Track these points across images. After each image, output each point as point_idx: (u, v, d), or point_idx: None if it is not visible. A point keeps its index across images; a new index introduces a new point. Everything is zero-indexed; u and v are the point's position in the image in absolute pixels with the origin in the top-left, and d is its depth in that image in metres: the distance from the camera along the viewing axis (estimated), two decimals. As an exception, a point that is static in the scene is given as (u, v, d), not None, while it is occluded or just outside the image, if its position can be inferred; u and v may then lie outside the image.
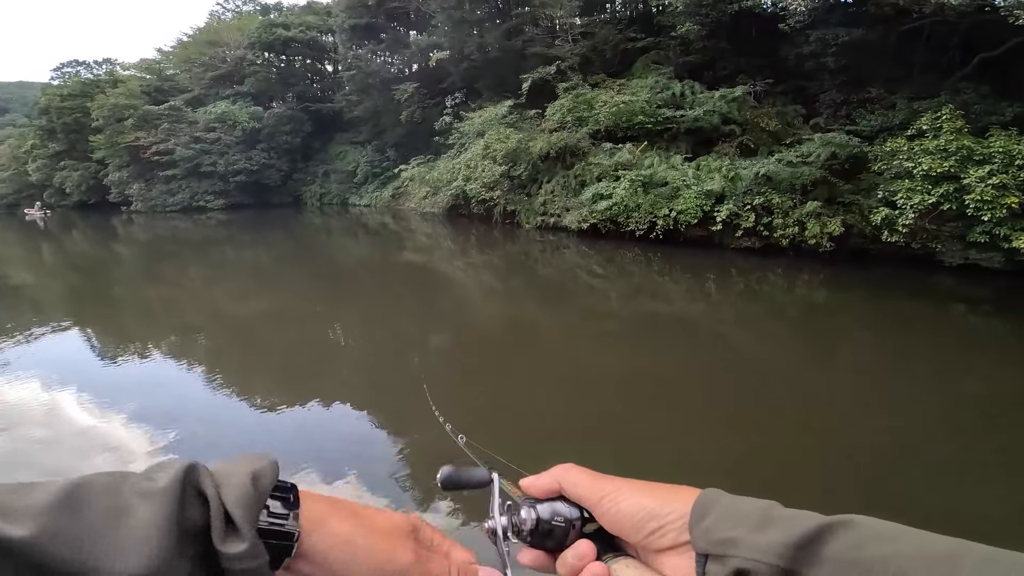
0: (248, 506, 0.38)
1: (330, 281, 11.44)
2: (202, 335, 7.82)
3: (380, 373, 6.11)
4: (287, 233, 21.27)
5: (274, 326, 8.10)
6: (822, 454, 4.12)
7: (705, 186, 10.79)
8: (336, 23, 25.87)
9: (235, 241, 20.53)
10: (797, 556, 0.36)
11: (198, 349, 7.10)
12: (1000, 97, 9.22)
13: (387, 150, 26.22)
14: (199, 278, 12.68)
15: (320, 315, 8.71)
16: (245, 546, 0.37)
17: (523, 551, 0.50)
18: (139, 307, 9.95)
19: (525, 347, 6.90)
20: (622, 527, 0.47)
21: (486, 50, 19.17)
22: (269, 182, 28.51)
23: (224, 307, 9.58)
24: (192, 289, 11.51)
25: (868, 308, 8.24)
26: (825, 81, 12.25)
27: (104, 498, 0.35)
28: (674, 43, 15.45)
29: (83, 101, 29.25)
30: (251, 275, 12.55)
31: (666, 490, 0.47)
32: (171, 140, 26.31)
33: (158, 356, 6.79)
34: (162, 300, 10.35)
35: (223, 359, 6.67)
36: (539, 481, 0.51)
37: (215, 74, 29.24)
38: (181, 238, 21.99)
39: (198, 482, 0.38)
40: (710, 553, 0.40)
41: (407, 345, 7.11)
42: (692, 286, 9.79)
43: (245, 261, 15.14)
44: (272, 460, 0.43)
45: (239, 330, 8.05)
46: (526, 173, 14.42)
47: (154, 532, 0.35)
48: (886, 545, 0.33)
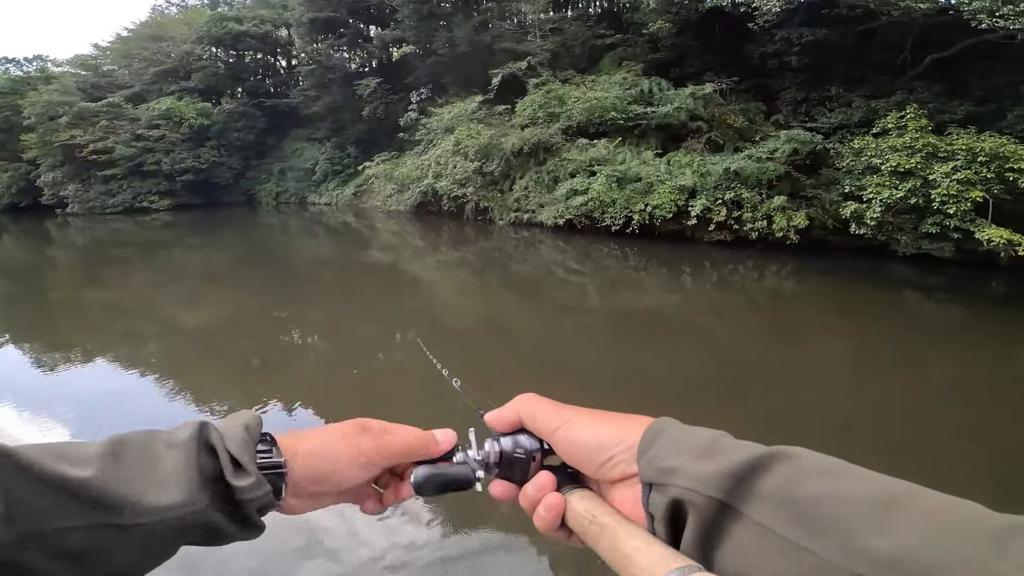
0: (247, 449, 0.47)
1: (290, 283, 11.00)
2: (149, 343, 7.38)
3: (348, 374, 5.94)
4: (241, 234, 20.50)
5: (228, 332, 7.80)
6: (790, 424, 4.41)
7: (678, 181, 11.15)
8: (293, 17, 25.13)
9: (183, 243, 19.60)
10: (733, 489, 0.35)
11: (145, 358, 6.68)
12: (951, 96, 9.96)
13: (347, 147, 25.68)
14: (145, 283, 11.89)
15: (279, 319, 8.32)
16: (252, 479, 0.46)
17: (493, 483, 0.52)
18: (78, 315, 9.25)
19: (505, 342, 6.94)
20: (576, 458, 0.47)
21: (455, 45, 19.08)
22: (220, 181, 27.41)
23: (173, 313, 9.02)
24: (137, 295, 10.80)
25: (831, 296, 8.79)
26: (786, 79, 12.90)
27: (141, 449, 0.44)
28: (642, 40, 15.86)
29: (13, 99, 27.36)
30: (202, 279, 11.83)
31: (621, 419, 0.47)
32: (110, 138, 24.87)
33: (101, 366, 6.41)
34: (104, 307, 9.69)
35: (172, 367, 6.30)
36: (501, 413, 0.52)
37: (159, 69, 27.85)
38: (123, 241, 20.81)
39: (208, 436, 0.47)
40: (653, 482, 0.40)
41: (376, 345, 6.97)
42: (669, 279, 10.11)
43: (195, 264, 14.26)
44: (257, 414, 0.52)
45: (190, 337, 7.61)
46: (499, 169, 14.47)
47: (181, 473, 0.43)
48: (824, 482, 0.32)
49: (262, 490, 0.46)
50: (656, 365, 5.97)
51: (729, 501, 0.35)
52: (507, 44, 18.58)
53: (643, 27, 15.20)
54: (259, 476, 0.46)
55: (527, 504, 0.49)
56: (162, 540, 0.43)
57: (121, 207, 25.87)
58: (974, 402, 5.00)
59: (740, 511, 0.34)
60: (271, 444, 0.50)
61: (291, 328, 7.95)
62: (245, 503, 0.46)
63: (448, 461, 0.55)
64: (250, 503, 0.46)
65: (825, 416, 4.63)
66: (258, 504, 0.47)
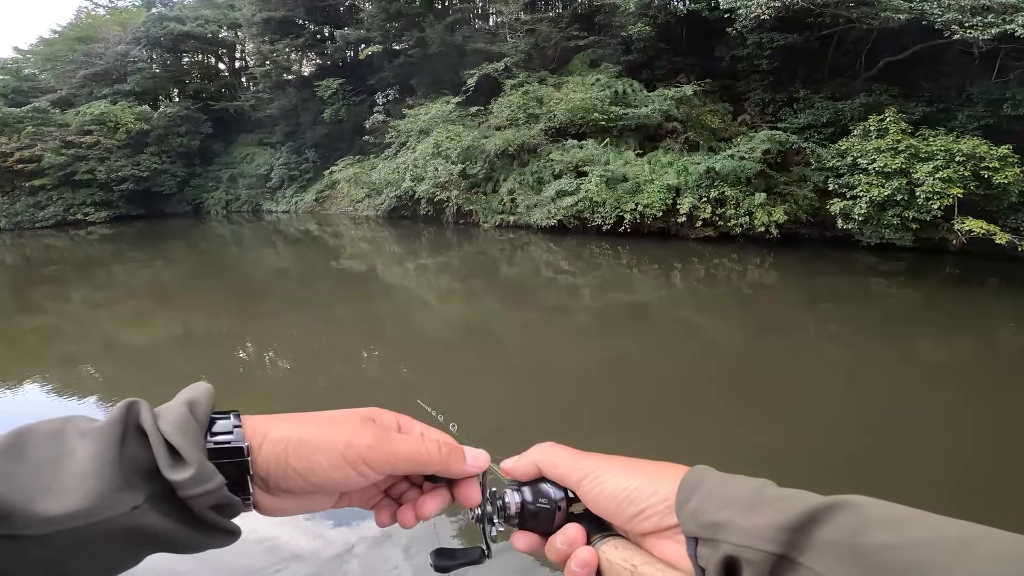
0: (187, 431, 0.39)
1: (252, 300, 10.61)
2: (90, 368, 7.10)
3: (316, 396, 5.71)
4: (190, 246, 19.94)
5: (179, 354, 7.45)
6: (774, 409, 5.16)
7: (665, 180, 12.04)
8: (243, 16, 24.60)
9: (125, 258, 18.84)
10: (791, 540, 0.35)
11: (85, 383, 6.46)
12: (907, 98, 11.37)
13: (305, 151, 25.39)
14: (83, 302, 11.36)
15: (237, 339, 8.07)
16: (192, 471, 0.38)
17: (516, 535, 0.51)
18: (6, 340, 8.68)
19: (503, 346, 7.24)
20: (605, 510, 0.46)
21: (426, 45, 19.39)
22: (163, 189, 26.41)
23: (115, 335, 8.57)
24: (75, 316, 10.26)
25: (809, 284, 10.00)
26: (752, 81, 14.12)
27: (47, 442, 0.37)
28: (614, 42, 16.80)
29: (-76, 107, 25.18)
30: (149, 297, 11.24)
31: (650, 468, 0.46)
32: (38, 145, 23.51)
33: (35, 394, 6.07)
34: (37, 330, 9.09)
35: (116, 393, 6.05)
36: (519, 463, 0.51)
37: (88, 72, 26.52)
38: (56, 258, 19.77)
39: (138, 418, 0.40)
40: (700, 537, 0.40)
41: (352, 364, 6.83)
42: (662, 275, 10.97)
43: (140, 281, 13.55)
44: (207, 386, 0.45)
45: (135, 361, 7.27)
46: (482, 171, 14.96)
47: (90, 470, 0.36)
48: (891, 530, 0.32)
49: (210, 483, 0.39)
50: (651, 351, 6.63)
51: (788, 553, 0.35)
52: (479, 45, 19.13)
53: (619, 29, 16.13)
54: (203, 466, 0.39)
55: (555, 557, 0.48)
56: (80, 552, 0.36)
57: (52, 220, 24.50)
58: (959, 376, 5.99)
59: (800, 563, 0.34)
60: (235, 423, 0.44)
61: (252, 349, 7.70)
62: (190, 501, 0.39)
63: (469, 489, 0.52)
64: (197, 500, 0.39)
65: (823, 397, 5.36)
66: (210, 501, 0.39)
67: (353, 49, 24.32)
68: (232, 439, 0.42)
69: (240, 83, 31.00)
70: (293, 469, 0.44)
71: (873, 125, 10.19)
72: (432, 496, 0.51)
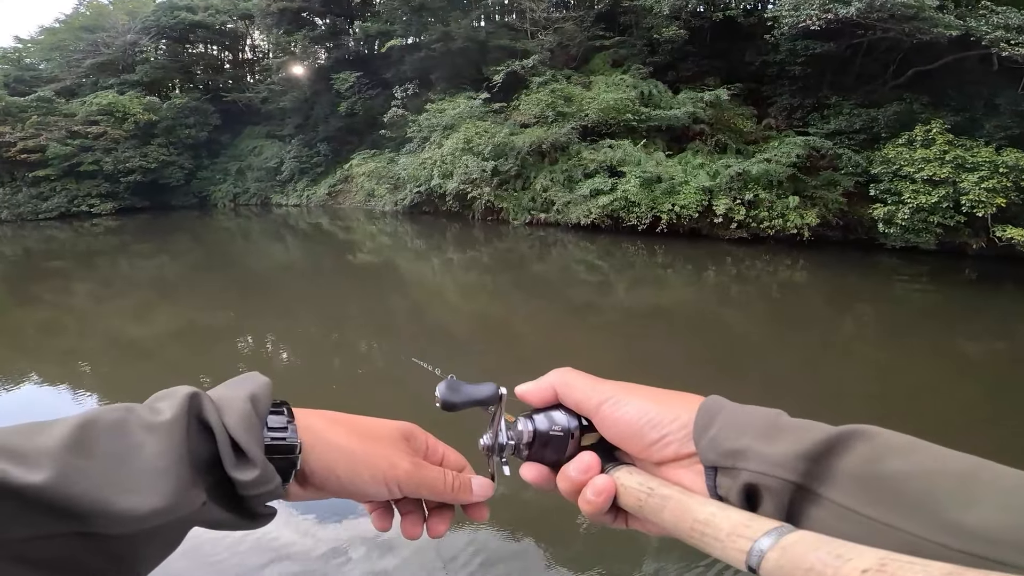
0: (252, 429, 0.41)
1: (267, 297, 10.45)
2: (93, 364, 7.07)
3: (327, 390, 5.67)
4: (195, 239, 20.01)
5: (188, 349, 7.45)
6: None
7: (699, 182, 12.49)
8: (257, 7, 24.56)
9: (130, 251, 18.83)
10: (809, 470, 0.36)
11: (87, 378, 6.49)
12: (936, 107, 11.94)
13: (317, 144, 25.45)
14: (87, 296, 11.35)
15: (251, 334, 8.04)
16: (257, 472, 0.40)
17: (525, 466, 0.50)
18: (5, 333, 8.68)
19: (537, 344, 7.28)
20: (623, 436, 0.46)
21: (451, 40, 19.59)
22: (170, 181, 26.33)
23: (119, 328, 8.54)
24: (76, 309, 10.20)
25: (844, 284, 10.53)
26: (780, 86, 14.63)
27: (113, 435, 0.37)
28: (640, 43, 17.20)
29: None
30: (157, 291, 11.18)
31: (669, 396, 0.47)
32: (42, 135, 23.30)
33: (35, 391, 6.05)
34: (36, 324, 9.05)
35: (119, 387, 6.11)
36: (536, 387, 0.51)
37: (95, 61, 26.29)
38: (59, 251, 19.70)
39: (201, 411, 0.41)
40: (719, 465, 0.40)
41: (373, 358, 6.87)
42: (695, 274, 11.42)
43: (146, 274, 13.59)
44: (266, 381, 0.46)
45: (140, 356, 7.24)
46: (513, 168, 15.27)
47: (164, 467, 0.37)
48: (905, 459, 0.33)
49: (271, 484, 0.41)
50: (719, 362, 6.93)
51: (806, 483, 0.36)
52: (503, 41, 19.43)
53: (646, 31, 16.52)
54: (267, 468, 0.40)
55: (568, 487, 0.48)
56: (154, 541, 0.38)
57: (56, 212, 24.31)
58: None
59: (818, 493, 0.35)
60: (288, 418, 0.45)
61: (266, 345, 7.71)
62: (248, 499, 0.41)
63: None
64: (255, 499, 0.41)
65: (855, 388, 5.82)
66: (266, 499, 0.42)
67: (370, 42, 24.42)
68: (287, 437, 0.43)
69: (246, 75, 30.92)
70: (336, 476, 0.46)
71: (919, 135, 10.77)
72: (441, 518, 0.53)
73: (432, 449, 0.54)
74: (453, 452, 0.56)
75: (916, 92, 12.45)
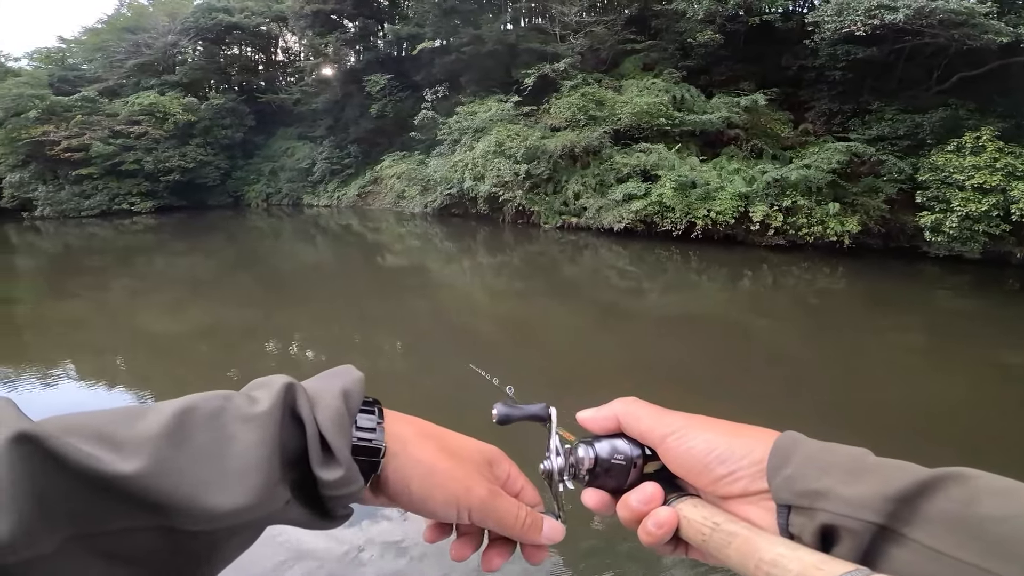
0: (342, 428, 0.39)
1: (296, 297, 10.36)
2: (128, 361, 7.15)
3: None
4: (229, 238, 20.23)
5: (219, 345, 7.46)
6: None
7: (736, 188, 12.22)
8: (290, 9, 24.78)
9: (166, 249, 19.09)
10: (895, 511, 0.34)
11: (123, 373, 6.55)
12: (983, 113, 11.50)
13: (348, 145, 25.60)
14: (124, 292, 11.46)
15: (279, 331, 8.02)
16: (342, 472, 0.38)
17: (587, 492, 0.49)
18: (41, 327, 8.81)
19: (573, 349, 7.12)
20: (689, 469, 0.45)
21: (482, 42, 19.53)
22: (206, 181, 26.73)
23: (151, 324, 8.62)
24: (115, 306, 10.27)
25: (884, 292, 10.17)
26: (819, 91, 14.24)
27: (208, 426, 0.36)
28: (672, 47, 16.92)
29: (-34, 95, 25.52)
30: (192, 289, 11.23)
31: (739, 430, 0.45)
32: (86, 134, 23.79)
33: (67, 384, 6.10)
34: (76, 319, 9.16)
35: (149, 383, 6.11)
36: (598, 415, 0.50)
37: (137, 62, 26.79)
38: (99, 248, 20.08)
39: (295, 403, 0.39)
40: (794, 504, 0.39)
41: (410, 358, 6.76)
42: (732, 281, 11.13)
43: (180, 272, 13.68)
44: (360, 376, 0.44)
45: (173, 355, 7.27)
46: (545, 172, 15.15)
47: (256, 462, 0.35)
48: (1003, 501, 0.32)
49: (354, 486, 0.39)
50: (760, 371, 6.73)
51: (891, 525, 0.34)
52: (533, 44, 19.30)
53: (678, 35, 16.24)
54: (351, 469, 0.39)
55: (628, 516, 0.46)
56: (232, 540, 0.36)
57: (97, 209, 24.83)
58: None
59: (903, 534, 0.34)
60: (378, 419, 0.43)
61: (294, 344, 7.70)
62: (330, 499, 0.39)
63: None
64: (334, 500, 0.39)
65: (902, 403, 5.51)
66: (347, 501, 0.40)
67: (401, 45, 24.47)
68: (373, 439, 0.41)
69: (279, 77, 31.26)
70: (410, 491, 0.43)
71: (969, 141, 10.40)
72: (500, 552, 0.49)
73: (512, 480, 0.51)
74: (531, 487, 0.52)
75: (961, 98, 12.01)
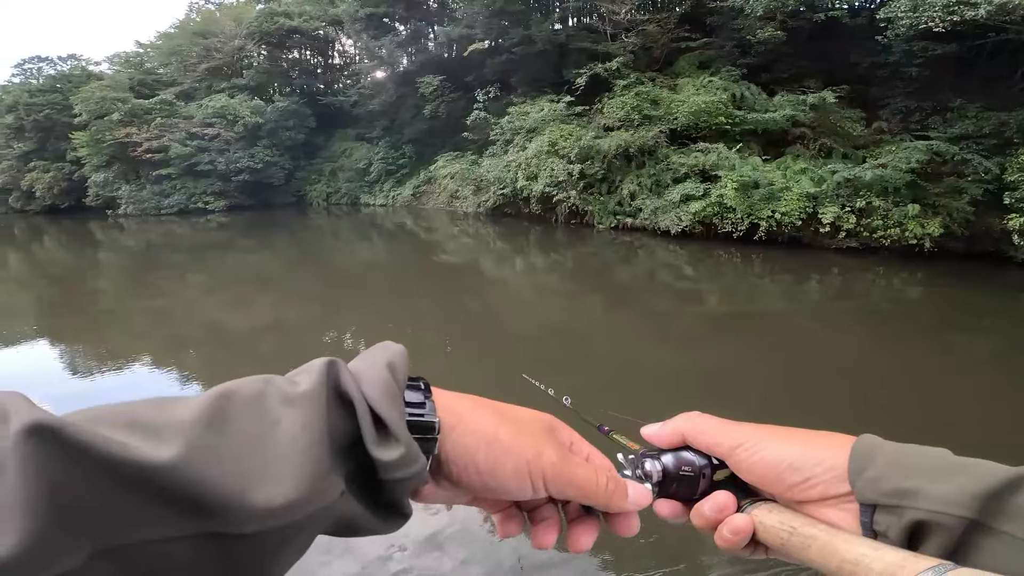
0: (395, 401, 0.35)
1: (353, 293, 10.74)
2: (199, 349, 7.56)
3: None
4: (291, 236, 20.98)
5: (285, 340, 7.70)
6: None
7: (802, 188, 11.70)
8: (346, 12, 25.50)
9: (237, 246, 20.04)
10: (986, 506, 0.35)
11: (192, 362, 6.92)
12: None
13: (402, 146, 26.17)
14: (198, 287, 12.22)
15: (340, 324, 8.38)
16: (402, 450, 0.34)
17: (660, 502, 0.50)
18: (127, 319, 9.46)
19: (629, 350, 7.05)
20: (761, 477, 0.46)
21: (532, 42, 19.51)
22: (272, 181, 27.95)
23: (225, 320, 9.15)
24: (190, 300, 10.92)
25: (967, 300, 9.50)
26: (893, 88, 13.43)
27: (250, 410, 0.32)
28: (729, 44, 16.37)
29: (54, 97, 27.78)
30: (255, 284, 11.90)
31: (810, 437, 0.46)
32: (165, 136, 25.33)
33: (140, 372, 6.49)
34: (155, 312, 9.84)
35: (220, 376, 6.25)
36: (663, 430, 0.51)
37: (208, 66, 28.31)
38: (177, 245, 21.30)
39: (339, 381, 0.35)
40: (880, 504, 0.39)
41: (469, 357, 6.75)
42: (799, 285, 10.65)
43: (248, 268, 14.40)
44: (402, 348, 0.40)
45: (238, 343, 7.68)
46: (600, 172, 14.99)
47: (303, 447, 0.32)
48: None
49: (416, 465, 0.35)
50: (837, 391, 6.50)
51: (982, 519, 0.35)
52: (583, 44, 19.11)
53: (736, 32, 15.70)
54: (412, 445, 0.35)
55: (703, 523, 0.47)
56: (283, 548, 0.32)
57: (176, 208, 26.42)
58: None
59: (994, 527, 0.35)
60: (424, 393, 0.39)
61: (349, 338, 7.88)
62: (390, 485, 0.35)
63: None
64: (398, 484, 0.35)
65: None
66: (410, 486, 0.36)
67: (452, 46, 24.75)
68: (424, 414, 0.38)
69: (336, 79, 32.26)
70: (476, 465, 0.39)
71: None
72: (588, 528, 0.46)
73: (577, 446, 0.48)
74: (599, 453, 0.49)
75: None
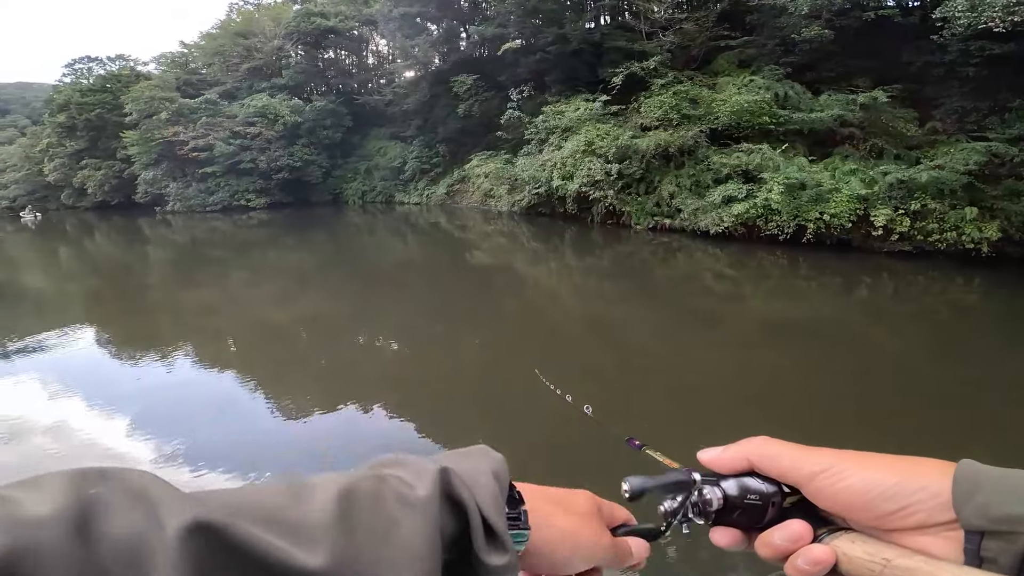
0: (502, 513, 0.38)
1: (387, 290, 10.89)
2: (240, 340, 7.83)
3: (464, 391, 5.68)
4: (329, 233, 21.38)
5: (321, 335, 7.98)
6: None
7: (852, 189, 11.25)
8: (380, 12, 25.68)
9: (277, 243, 20.38)
10: None
11: (233, 355, 7.14)
12: None
13: (436, 145, 26.22)
14: (240, 283, 12.58)
15: (374, 321, 8.45)
16: (509, 558, 0.37)
17: (715, 531, 0.48)
18: (171, 312, 9.85)
19: (672, 359, 6.86)
20: (848, 506, 0.43)
21: (566, 41, 19.29)
22: (311, 179, 28.43)
23: (264, 314, 9.39)
24: (231, 294, 11.25)
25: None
26: (948, 87, 12.80)
27: (373, 506, 0.34)
28: (772, 43, 15.86)
29: (104, 96, 28.75)
30: (296, 280, 12.27)
31: (901, 463, 0.43)
32: (210, 135, 25.98)
33: (184, 361, 6.78)
34: (199, 305, 10.18)
35: (269, 372, 6.45)
36: (725, 455, 0.48)
37: (250, 66, 28.94)
38: (220, 240, 21.84)
39: (451, 488, 0.38)
40: (989, 530, 0.38)
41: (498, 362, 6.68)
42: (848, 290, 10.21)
43: (288, 264, 14.86)
44: (500, 456, 0.43)
45: (279, 338, 7.90)
46: (638, 172, 14.72)
47: (421, 550, 0.34)
48: None
49: (516, 572, 0.39)
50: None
51: None
52: (619, 43, 18.79)
53: (779, 30, 15.21)
54: (515, 554, 0.38)
55: (770, 553, 0.45)
56: None
57: (219, 205, 27.10)
58: None
59: None
60: (518, 502, 0.42)
61: (380, 336, 7.91)
62: None
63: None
64: None
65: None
66: None
67: (485, 46, 24.65)
68: (520, 525, 0.41)
69: (371, 79, 32.58)
70: (554, 555, 0.44)
71: None
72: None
73: (607, 511, 0.51)
74: (619, 507, 0.52)
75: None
